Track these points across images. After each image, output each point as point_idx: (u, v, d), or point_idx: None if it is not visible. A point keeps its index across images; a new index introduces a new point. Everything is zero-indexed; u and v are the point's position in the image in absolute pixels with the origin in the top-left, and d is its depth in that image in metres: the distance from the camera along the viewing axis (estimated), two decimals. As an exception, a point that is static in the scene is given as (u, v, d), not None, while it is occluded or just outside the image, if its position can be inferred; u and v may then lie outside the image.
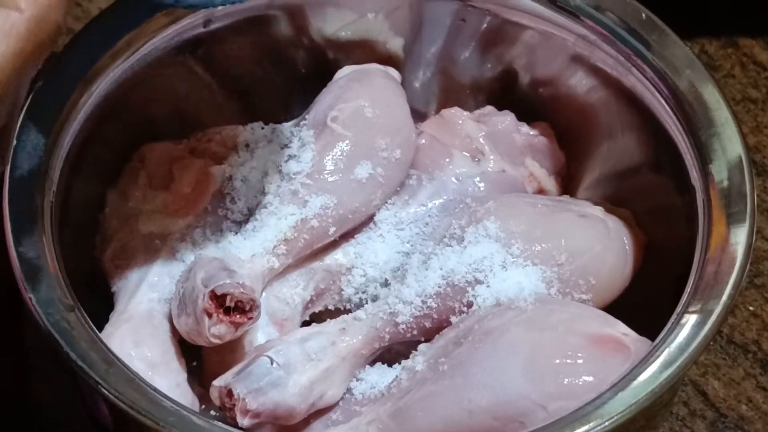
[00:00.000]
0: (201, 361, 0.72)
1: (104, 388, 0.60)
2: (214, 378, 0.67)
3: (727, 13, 0.95)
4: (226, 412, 0.66)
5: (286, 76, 0.81)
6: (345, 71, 0.79)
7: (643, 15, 0.74)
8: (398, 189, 0.76)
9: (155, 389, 0.61)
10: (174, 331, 0.70)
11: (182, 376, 0.69)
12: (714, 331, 0.62)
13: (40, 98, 0.69)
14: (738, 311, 0.82)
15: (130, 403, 0.60)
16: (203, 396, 0.69)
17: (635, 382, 0.60)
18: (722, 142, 0.69)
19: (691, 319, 0.62)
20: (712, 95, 0.70)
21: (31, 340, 0.79)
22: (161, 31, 0.74)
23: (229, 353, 0.70)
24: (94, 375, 0.61)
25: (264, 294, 0.71)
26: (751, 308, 0.82)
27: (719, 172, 0.68)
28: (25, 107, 0.69)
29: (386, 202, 0.75)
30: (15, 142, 0.67)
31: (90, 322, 0.63)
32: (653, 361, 0.61)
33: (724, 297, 0.63)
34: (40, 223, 0.66)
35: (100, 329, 0.67)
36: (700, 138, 0.69)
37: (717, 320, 0.62)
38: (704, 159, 0.68)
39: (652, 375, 0.61)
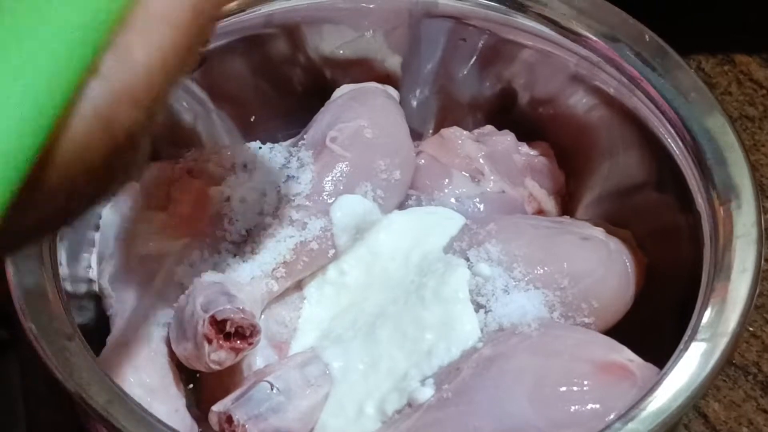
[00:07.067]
0: (198, 384, 0.71)
1: (106, 418, 0.59)
2: (212, 401, 0.66)
3: (723, 30, 0.94)
4: (225, 438, 0.65)
5: (284, 95, 0.80)
6: (343, 90, 0.78)
7: (647, 36, 0.73)
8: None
9: (158, 419, 0.60)
10: (172, 355, 0.69)
11: (181, 401, 0.68)
12: (724, 359, 0.61)
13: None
14: (738, 333, 0.82)
15: (132, 434, 0.59)
16: (200, 419, 0.69)
17: (644, 413, 0.59)
18: (728, 167, 0.68)
19: (700, 347, 0.62)
20: (717, 119, 0.69)
21: (24, 362, 0.78)
22: (158, 51, 0.73)
23: (227, 376, 0.69)
24: (95, 406, 0.60)
25: (263, 316, 0.70)
26: (751, 329, 0.81)
27: (726, 196, 0.67)
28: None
29: (386, 224, 0.74)
30: None
31: (90, 349, 0.62)
32: (663, 391, 0.60)
33: (733, 324, 0.62)
34: (38, 247, 0.65)
35: (97, 352, 0.65)
36: (706, 162, 0.68)
37: (727, 348, 0.62)
38: (710, 184, 0.68)
39: (662, 405, 0.60)
